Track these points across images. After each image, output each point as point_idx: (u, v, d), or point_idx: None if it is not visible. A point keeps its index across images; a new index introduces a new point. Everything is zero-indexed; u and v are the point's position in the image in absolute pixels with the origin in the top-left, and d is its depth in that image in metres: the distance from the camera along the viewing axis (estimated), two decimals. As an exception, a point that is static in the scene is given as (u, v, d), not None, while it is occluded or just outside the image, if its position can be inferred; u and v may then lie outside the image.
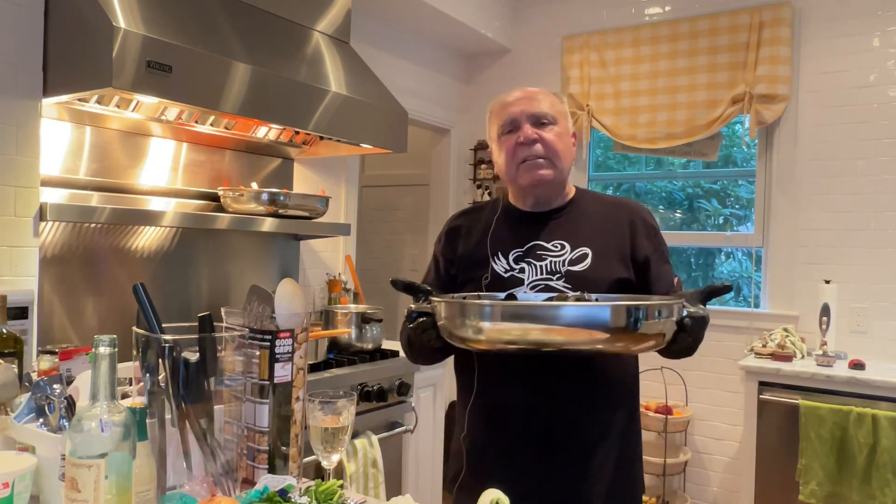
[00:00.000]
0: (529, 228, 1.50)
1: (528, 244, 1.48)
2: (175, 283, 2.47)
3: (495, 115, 1.54)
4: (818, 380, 2.71)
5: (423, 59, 3.85)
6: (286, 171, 2.89)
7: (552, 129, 1.47)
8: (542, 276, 1.44)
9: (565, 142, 1.49)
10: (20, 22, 1.87)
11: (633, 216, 1.52)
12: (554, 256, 1.46)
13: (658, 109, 3.53)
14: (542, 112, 1.47)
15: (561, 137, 1.48)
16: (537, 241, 1.48)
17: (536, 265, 1.46)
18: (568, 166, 1.51)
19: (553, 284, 1.43)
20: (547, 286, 1.43)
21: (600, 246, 1.46)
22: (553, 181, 1.48)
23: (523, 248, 1.48)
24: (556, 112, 1.49)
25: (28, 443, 1.15)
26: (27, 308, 1.83)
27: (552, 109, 1.48)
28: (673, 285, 1.45)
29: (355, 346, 2.72)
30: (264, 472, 1.21)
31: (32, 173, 1.91)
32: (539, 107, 1.47)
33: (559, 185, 1.51)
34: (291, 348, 1.24)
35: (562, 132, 1.48)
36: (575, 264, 1.44)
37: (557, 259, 1.45)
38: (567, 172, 1.51)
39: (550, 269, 1.44)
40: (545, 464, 1.41)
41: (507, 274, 1.47)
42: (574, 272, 1.43)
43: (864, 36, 3.12)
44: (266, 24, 2.29)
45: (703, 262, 3.79)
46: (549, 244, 1.47)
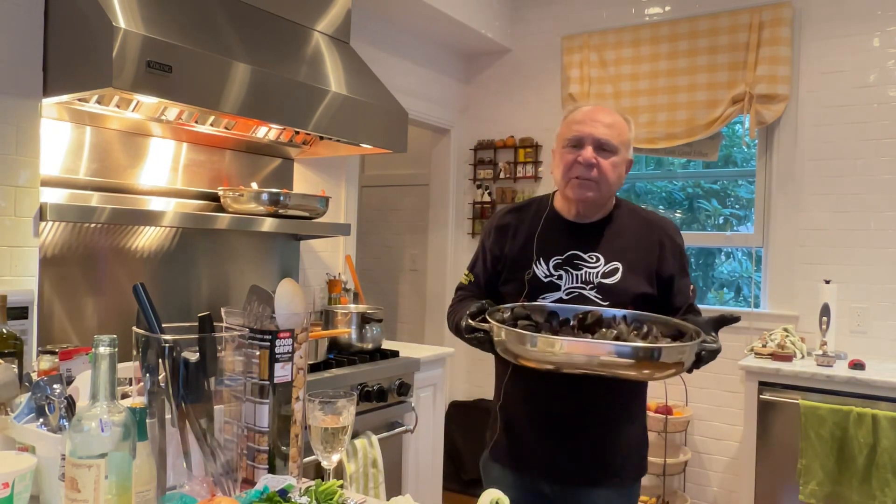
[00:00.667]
0: (571, 238, 1.65)
1: (567, 252, 1.63)
2: (175, 283, 2.47)
3: (566, 126, 1.67)
4: (818, 380, 2.71)
5: (423, 59, 3.85)
6: (286, 171, 2.89)
7: (611, 157, 1.60)
8: (576, 284, 1.61)
9: (618, 171, 1.62)
10: (20, 22, 1.87)
11: (662, 236, 1.66)
12: (589, 267, 1.61)
13: (658, 109, 3.54)
14: (607, 140, 1.59)
15: (615, 167, 1.61)
16: (576, 251, 1.63)
17: (573, 274, 1.61)
18: (614, 191, 1.66)
19: (585, 293, 1.59)
20: (580, 294, 1.59)
21: (631, 261, 1.61)
22: (594, 201, 1.63)
23: (563, 256, 1.63)
24: (620, 142, 1.61)
25: (28, 443, 1.15)
26: (27, 308, 1.82)
27: (617, 139, 1.61)
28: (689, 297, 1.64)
29: (355, 346, 2.72)
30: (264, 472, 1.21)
31: (32, 173, 1.91)
32: (605, 134, 1.60)
33: (602, 205, 1.66)
34: (291, 348, 1.24)
35: (618, 162, 1.62)
36: (606, 277, 1.60)
37: (592, 270, 1.61)
38: (611, 195, 1.67)
39: (584, 279, 1.60)
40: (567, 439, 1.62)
41: (546, 279, 1.62)
42: (605, 284, 1.59)
43: (864, 36, 3.12)
44: (266, 24, 2.29)
45: (704, 262, 3.79)
46: (586, 255, 1.62)
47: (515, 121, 4.06)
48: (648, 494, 3.42)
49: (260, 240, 2.79)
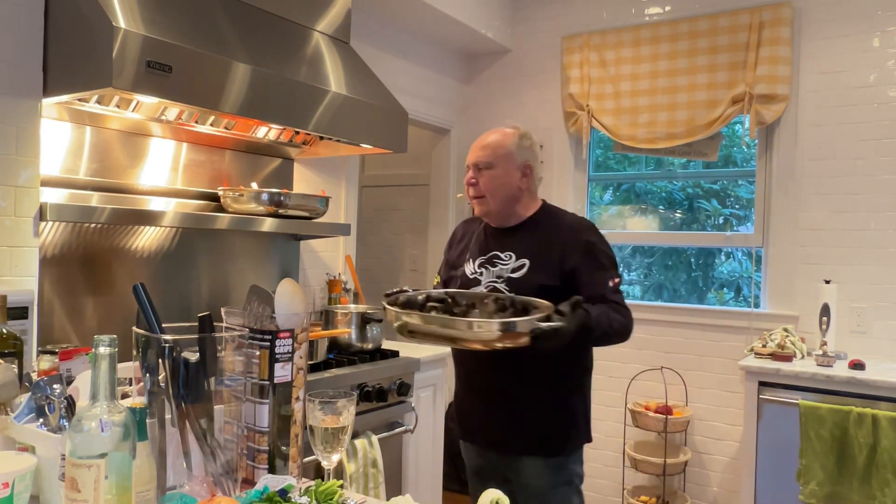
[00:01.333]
0: (493, 241, 1.96)
1: (490, 253, 1.94)
2: (175, 283, 2.47)
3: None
4: (818, 380, 2.71)
5: (423, 59, 3.85)
6: (286, 171, 2.89)
7: (486, 173, 1.91)
8: (492, 279, 1.90)
9: (498, 181, 1.91)
10: (20, 22, 1.87)
11: (569, 233, 1.89)
12: (503, 264, 1.90)
13: (658, 109, 3.53)
14: (480, 160, 1.93)
15: (495, 178, 1.91)
16: (496, 251, 1.94)
17: (491, 270, 1.91)
18: (505, 196, 1.92)
19: (497, 286, 1.88)
20: (494, 287, 1.88)
21: (537, 257, 1.87)
22: (492, 211, 1.94)
23: (486, 256, 1.94)
24: (496, 157, 1.91)
25: (28, 443, 1.15)
26: (27, 308, 1.82)
27: (492, 156, 1.91)
28: (601, 289, 1.82)
29: (355, 346, 2.72)
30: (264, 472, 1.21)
31: (32, 173, 1.91)
32: (479, 156, 1.93)
33: (503, 212, 1.94)
34: (291, 348, 1.24)
35: (497, 174, 1.91)
36: (515, 271, 1.88)
37: (505, 266, 1.90)
38: (505, 202, 1.92)
39: (498, 274, 1.89)
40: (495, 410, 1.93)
41: (471, 276, 1.94)
42: (512, 277, 1.87)
43: (864, 36, 3.12)
44: (266, 24, 2.29)
45: (703, 262, 3.79)
46: (503, 254, 1.92)
47: (515, 121, 4.02)
48: (648, 494, 3.42)
49: (260, 240, 2.79)
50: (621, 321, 1.81)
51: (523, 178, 1.93)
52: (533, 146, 1.98)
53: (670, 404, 3.35)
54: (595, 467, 3.76)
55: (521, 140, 1.95)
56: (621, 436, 3.61)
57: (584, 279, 1.83)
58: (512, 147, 1.93)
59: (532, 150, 1.97)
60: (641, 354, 3.62)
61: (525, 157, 1.94)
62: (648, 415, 3.30)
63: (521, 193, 1.94)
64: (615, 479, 3.67)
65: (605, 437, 3.72)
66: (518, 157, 1.93)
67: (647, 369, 3.55)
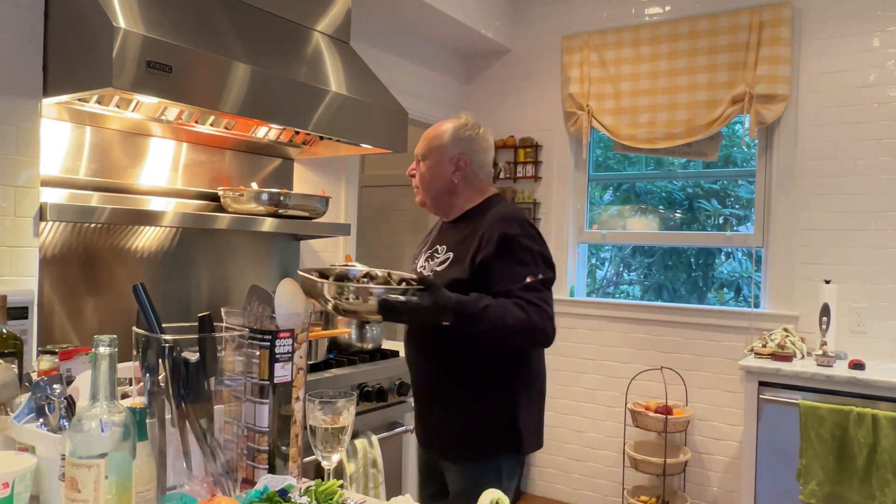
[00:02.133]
0: (439, 234, 1.96)
1: (435, 246, 1.92)
2: (175, 283, 2.47)
3: None
4: (818, 380, 2.71)
5: (423, 59, 3.85)
6: (286, 171, 2.89)
7: (422, 164, 1.91)
8: (428, 272, 1.87)
9: (430, 173, 1.89)
10: (20, 22, 1.87)
11: (488, 226, 1.79)
12: (437, 257, 1.89)
13: (658, 109, 3.54)
14: (418, 152, 1.92)
15: (429, 168, 1.89)
16: (437, 244, 1.92)
17: (428, 263, 1.90)
18: (434, 191, 1.90)
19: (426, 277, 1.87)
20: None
21: (459, 251, 1.82)
22: (426, 203, 1.93)
23: (431, 250, 1.93)
24: (429, 149, 1.89)
25: (28, 443, 1.15)
26: (27, 308, 1.83)
27: (425, 148, 1.90)
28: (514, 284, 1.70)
29: (355, 346, 2.72)
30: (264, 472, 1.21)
31: (32, 173, 1.91)
32: (418, 147, 1.93)
33: (437, 204, 1.92)
34: (291, 348, 1.24)
35: (429, 165, 1.89)
36: (441, 265, 1.85)
37: (437, 259, 1.88)
38: (436, 195, 1.90)
39: (431, 268, 1.88)
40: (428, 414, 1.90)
41: (419, 268, 1.93)
42: (436, 270, 1.84)
43: (864, 36, 3.12)
44: (266, 24, 2.29)
45: (704, 262, 3.79)
46: (439, 247, 1.90)
47: (515, 121, 4.06)
48: (648, 494, 3.42)
49: (260, 240, 2.79)
50: (521, 318, 1.64)
51: (456, 171, 1.85)
52: (475, 137, 1.87)
53: (670, 404, 3.35)
54: (595, 467, 3.76)
55: (459, 130, 1.87)
56: (621, 436, 3.61)
57: (494, 273, 1.72)
58: (445, 139, 1.86)
59: (472, 140, 1.87)
60: (641, 354, 3.62)
61: (460, 149, 1.85)
62: (648, 415, 3.30)
63: (456, 186, 1.87)
64: (615, 479, 3.67)
65: (605, 437, 3.72)
66: (451, 149, 1.85)
67: (647, 369, 3.55)
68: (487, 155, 1.90)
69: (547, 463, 3.90)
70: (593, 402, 3.76)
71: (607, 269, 4.16)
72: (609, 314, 3.73)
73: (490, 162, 1.92)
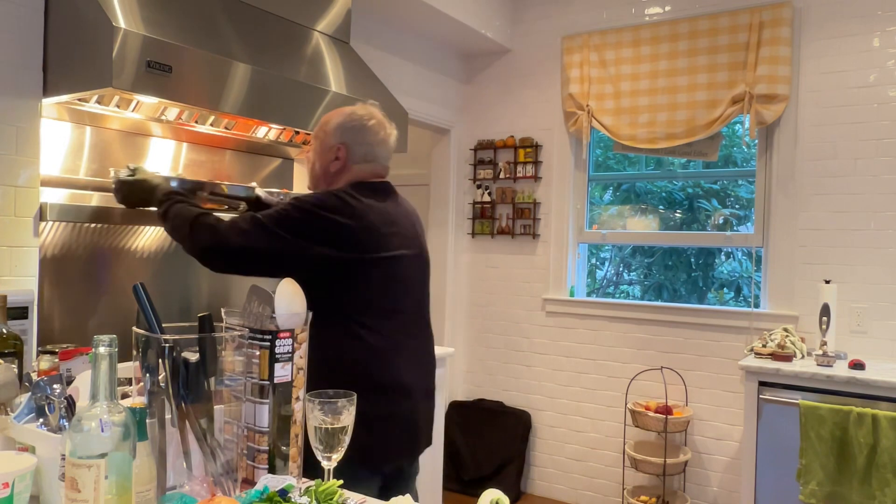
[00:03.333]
0: None
1: None
2: (175, 283, 2.47)
3: None
4: (818, 380, 2.71)
5: (423, 59, 3.85)
6: (286, 171, 2.89)
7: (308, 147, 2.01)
8: None
9: (312, 158, 1.86)
10: (20, 22, 1.87)
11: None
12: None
13: (658, 109, 3.54)
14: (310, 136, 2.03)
15: (311, 153, 1.88)
16: None
17: None
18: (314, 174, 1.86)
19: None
20: None
21: None
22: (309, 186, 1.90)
23: None
24: (315, 135, 1.87)
25: (28, 443, 1.15)
26: (27, 308, 1.83)
27: (313, 133, 1.88)
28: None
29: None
30: (264, 472, 1.21)
31: (32, 173, 1.91)
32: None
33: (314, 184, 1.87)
34: (291, 348, 1.24)
35: (314, 147, 1.86)
36: None
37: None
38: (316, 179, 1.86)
39: None
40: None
41: None
42: None
43: (864, 36, 3.12)
44: (266, 24, 2.29)
45: (703, 262, 3.79)
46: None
47: (515, 121, 4.07)
48: (648, 494, 3.42)
49: (260, 240, 2.79)
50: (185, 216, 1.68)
51: (335, 160, 1.78)
52: (365, 127, 1.79)
53: (670, 404, 3.35)
54: (595, 467, 3.76)
55: (347, 119, 1.79)
56: (621, 436, 3.62)
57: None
58: (331, 126, 1.80)
59: (358, 130, 1.79)
60: (641, 354, 3.62)
61: (343, 139, 1.78)
62: (648, 415, 3.30)
63: (333, 176, 1.80)
64: (615, 479, 3.67)
65: (605, 437, 3.73)
66: (333, 138, 1.79)
67: (647, 369, 3.55)
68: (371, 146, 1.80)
69: (547, 463, 3.90)
70: (593, 402, 3.76)
71: (607, 269, 4.17)
72: (609, 314, 3.73)
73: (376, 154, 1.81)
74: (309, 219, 1.62)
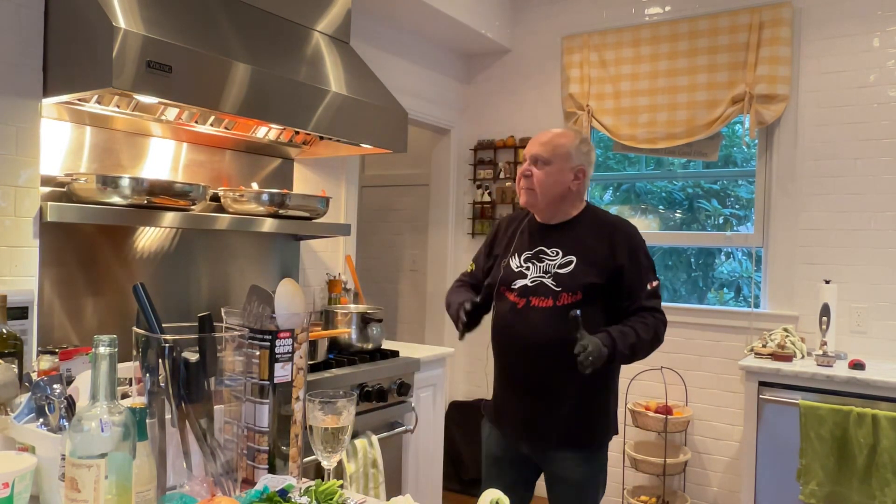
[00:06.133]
0: (539, 237, 2.04)
1: (535, 249, 2.03)
2: (175, 283, 2.47)
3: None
4: (818, 380, 2.71)
5: (423, 59, 3.85)
6: (286, 171, 2.89)
7: (544, 167, 1.99)
8: (539, 273, 1.98)
9: (555, 178, 1.98)
10: (20, 22, 1.87)
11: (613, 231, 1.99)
12: (549, 260, 1.99)
13: (658, 109, 3.54)
14: (539, 155, 2.00)
15: (549, 175, 1.98)
16: (542, 247, 2.02)
17: (538, 265, 2.00)
18: (554, 194, 1.99)
19: (545, 281, 1.97)
20: (541, 282, 1.97)
21: (584, 254, 1.96)
22: (538, 205, 2.02)
23: (532, 252, 2.03)
24: (553, 155, 1.99)
25: (28, 443, 1.15)
26: (27, 308, 1.83)
27: (550, 153, 1.99)
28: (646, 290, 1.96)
29: (355, 346, 2.72)
30: (264, 472, 1.21)
31: (32, 173, 1.91)
32: (538, 151, 2.01)
33: (549, 208, 2.02)
34: (291, 348, 1.24)
35: (552, 171, 1.98)
36: (562, 268, 1.96)
37: (552, 262, 1.98)
38: (553, 199, 2.00)
39: (545, 270, 1.98)
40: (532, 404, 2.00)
41: (517, 269, 2.03)
42: (559, 273, 1.96)
43: (864, 36, 3.12)
44: (266, 24, 2.29)
45: (704, 262, 3.79)
46: (549, 250, 2.00)
47: (515, 121, 4.07)
48: (648, 494, 3.42)
49: (260, 240, 2.79)
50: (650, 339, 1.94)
51: (575, 180, 2.00)
52: (590, 153, 2.06)
53: (670, 404, 3.35)
54: (595, 467, 3.76)
55: (581, 144, 2.03)
56: (621, 436, 3.61)
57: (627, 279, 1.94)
58: (571, 148, 2.00)
59: (588, 156, 2.05)
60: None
61: (581, 161, 2.01)
62: (648, 415, 3.30)
63: (571, 194, 2.01)
64: (615, 479, 3.67)
65: (605, 437, 3.73)
66: (575, 160, 2.00)
67: (647, 369, 3.55)
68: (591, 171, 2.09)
69: (547, 463, 3.90)
70: (593, 402, 3.76)
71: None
72: (609, 314, 3.73)
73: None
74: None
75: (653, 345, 1.96)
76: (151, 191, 1.99)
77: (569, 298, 1.91)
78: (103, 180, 1.92)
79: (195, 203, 2.14)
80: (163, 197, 2.03)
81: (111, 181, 1.93)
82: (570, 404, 1.95)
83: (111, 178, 1.93)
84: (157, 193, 2.01)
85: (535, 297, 1.94)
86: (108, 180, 1.92)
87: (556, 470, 2.01)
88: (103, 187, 1.92)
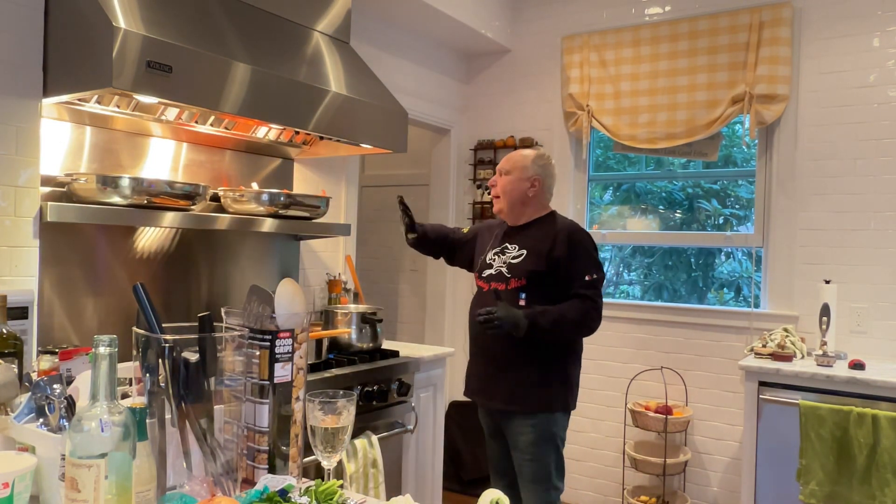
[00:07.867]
0: (506, 236, 2.49)
1: (502, 245, 2.47)
2: (175, 283, 2.47)
3: None
4: (818, 380, 2.71)
5: (423, 59, 3.85)
6: (286, 171, 2.89)
7: (505, 177, 2.45)
8: (500, 264, 2.42)
9: (510, 185, 2.43)
10: (20, 22, 1.87)
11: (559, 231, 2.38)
12: (509, 253, 2.42)
13: (658, 109, 3.54)
14: (501, 166, 2.49)
15: (508, 182, 2.43)
16: (506, 243, 2.46)
17: (501, 258, 2.43)
18: (511, 199, 2.44)
19: (502, 269, 2.40)
20: (500, 272, 2.40)
21: (532, 248, 2.37)
22: (503, 209, 2.46)
23: (499, 247, 2.47)
24: (512, 167, 2.45)
25: (28, 443, 1.15)
26: (27, 308, 1.83)
27: (511, 165, 2.45)
28: (583, 280, 2.31)
29: (355, 346, 2.72)
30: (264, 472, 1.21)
31: (32, 173, 1.91)
32: (502, 163, 2.49)
33: (513, 211, 2.45)
34: (291, 348, 1.24)
35: (511, 179, 2.43)
36: (515, 259, 2.39)
37: (510, 255, 2.41)
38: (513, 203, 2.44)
39: (504, 261, 2.41)
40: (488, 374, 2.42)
41: (487, 262, 2.47)
42: (512, 263, 2.39)
43: (864, 36, 3.12)
44: (266, 24, 2.29)
45: (703, 262, 3.79)
46: (510, 246, 2.44)
47: (515, 121, 4.07)
48: (648, 494, 3.42)
49: (260, 240, 2.79)
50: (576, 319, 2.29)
51: (532, 187, 2.42)
52: (547, 166, 2.46)
53: (670, 404, 3.35)
54: (595, 467, 3.76)
55: (538, 159, 2.45)
56: (621, 436, 3.61)
57: (563, 268, 2.31)
58: (528, 162, 2.44)
59: (545, 168, 2.45)
60: (641, 354, 3.62)
61: (536, 172, 2.43)
62: (648, 415, 3.30)
63: (529, 200, 2.43)
64: (615, 479, 3.67)
65: (605, 437, 3.73)
66: (531, 171, 2.42)
67: (647, 369, 3.55)
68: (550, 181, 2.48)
69: (547, 463, 3.90)
70: (593, 402, 3.76)
71: (607, 270, 4.16)
72: (609, 314, 3.73)
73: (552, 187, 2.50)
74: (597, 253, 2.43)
75: (580, 325, 2.29)
76: (151, 191, 2.00)
77: (516, 283, 2.34)
78: (103, 180, 1.92)
79: (195, 203, 2.14)
80: (163, 197, 2.04)
81: (111, 181, 1.93)
82: (522, 371, 2.32)
83: (111, 178, 1.93)
84: (157, 193, 2.01)
85: (494, 282, 2.38)
86: (108, 180, 1.93)
87: (510, 435, 2.37)
88: (103, 187, 1.92)
